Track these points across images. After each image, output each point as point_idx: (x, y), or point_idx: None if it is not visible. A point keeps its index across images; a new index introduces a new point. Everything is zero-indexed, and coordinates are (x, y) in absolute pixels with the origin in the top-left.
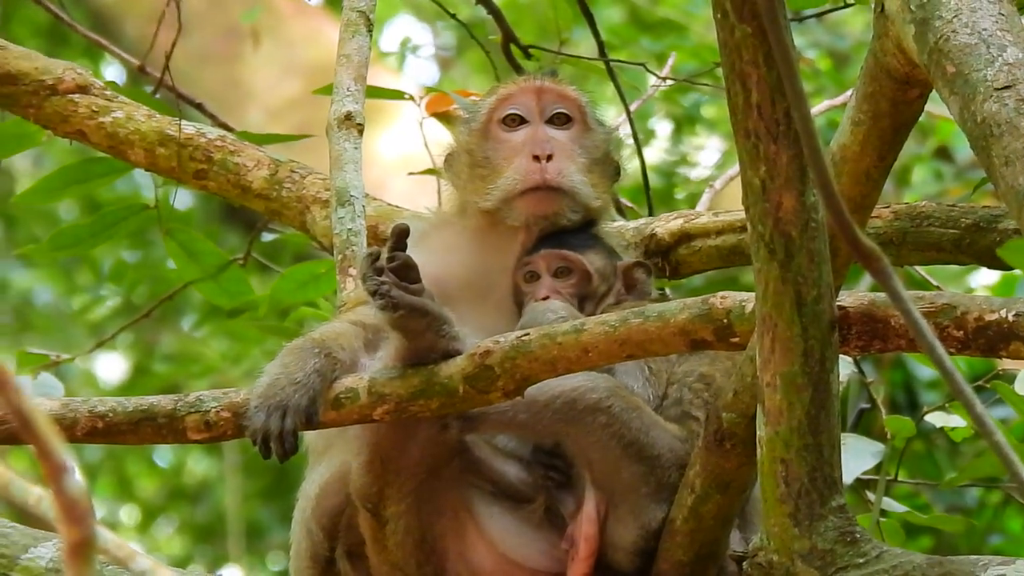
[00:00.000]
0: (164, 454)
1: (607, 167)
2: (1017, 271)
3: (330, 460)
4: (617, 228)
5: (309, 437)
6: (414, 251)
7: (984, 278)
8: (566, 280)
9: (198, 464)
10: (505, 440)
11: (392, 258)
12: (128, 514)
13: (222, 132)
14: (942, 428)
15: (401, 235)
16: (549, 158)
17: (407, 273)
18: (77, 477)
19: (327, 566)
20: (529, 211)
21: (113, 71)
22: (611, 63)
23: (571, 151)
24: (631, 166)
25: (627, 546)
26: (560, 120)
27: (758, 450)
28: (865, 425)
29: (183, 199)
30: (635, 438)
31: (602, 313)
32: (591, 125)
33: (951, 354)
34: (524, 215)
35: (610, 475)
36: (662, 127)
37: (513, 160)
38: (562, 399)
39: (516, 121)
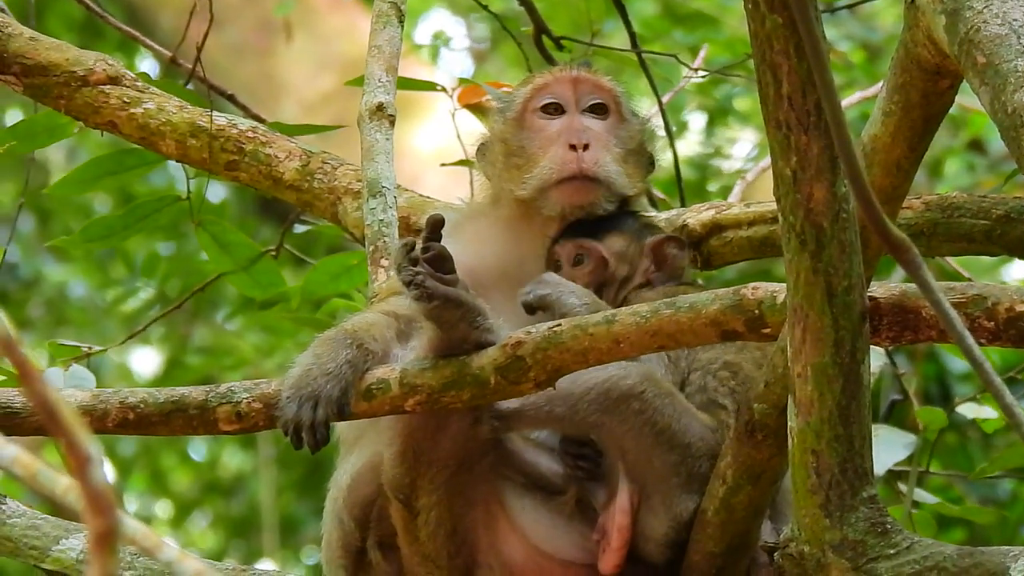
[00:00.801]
0: (198, 447)
1: (641, 158)
2: None
3: (361, 450)
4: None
5: (340, 428)
6: (447, 242)
7: (1018, 271)
8: (582, 268)
9: (232, 458)
10: (536, 431)
11: (427, 248)
12: (162, 508)
13: (253, 123)
14: (974, 420)
15: (436, 225)
16: (586, 147)
17: (442, 264)
18: (102, 468)
19: (358, 556)
20: (565, 200)
21: (147, 64)
22: (643, 55)
23: (607, 141)
24: (664, 158)
25: (658, 537)
26: (596, 110)
27: (789, 441)
28: (897, 417)
29: (217, 192)
30: (667, 424)
31: (629, 295)
32: (626, 116)
33: (981, 345)
34: (560, 204)
35: (643, 464)
36: (695, 119)
37: (549, 149)
38: (596, 389)
39: (552, 110)
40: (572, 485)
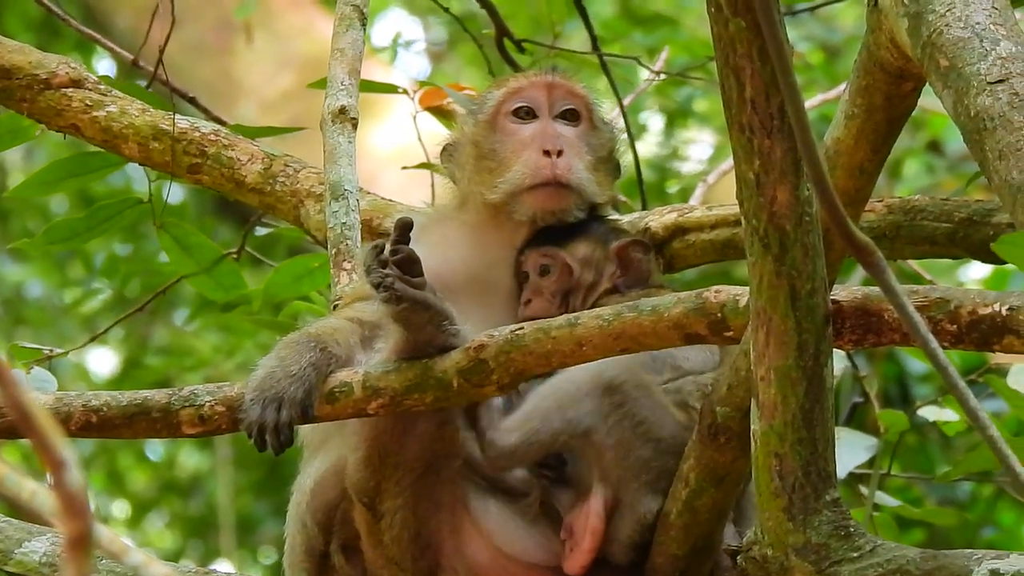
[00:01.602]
0: (156, 448)
1: (610, 166)
2: (1010, 265)
3: (326, 454)
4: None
5: (305, 432)
6: (414, 245)
7: (976, 272)
8: (548, 277)
9: (190, 458)
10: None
11: (395, 251)
12: (120, 508)
13: (216, 126)
14: (935, 422)
15: (404, 228)
16: (559, 153)
17: (410, 266)
18: (76, 471)
19: (322, 560)
20: (538, 206)
21: (104, 65)
22: (604, 57)
23: (579, 148)
24: (625, 160)
25: (623, 539)
26: (569, 116)
27: (752, 444)
28: (858, 419)
29: (176, 193)
30: (644, 417)
31: (598, 301)
32: (597, 123)
33: (945, 348)
34: (532, 210)
35: (618, 460)
36: (654, 121)
37: (522, 154)
38: (585, 388)
39: (525, 114)
40: (536, 488)
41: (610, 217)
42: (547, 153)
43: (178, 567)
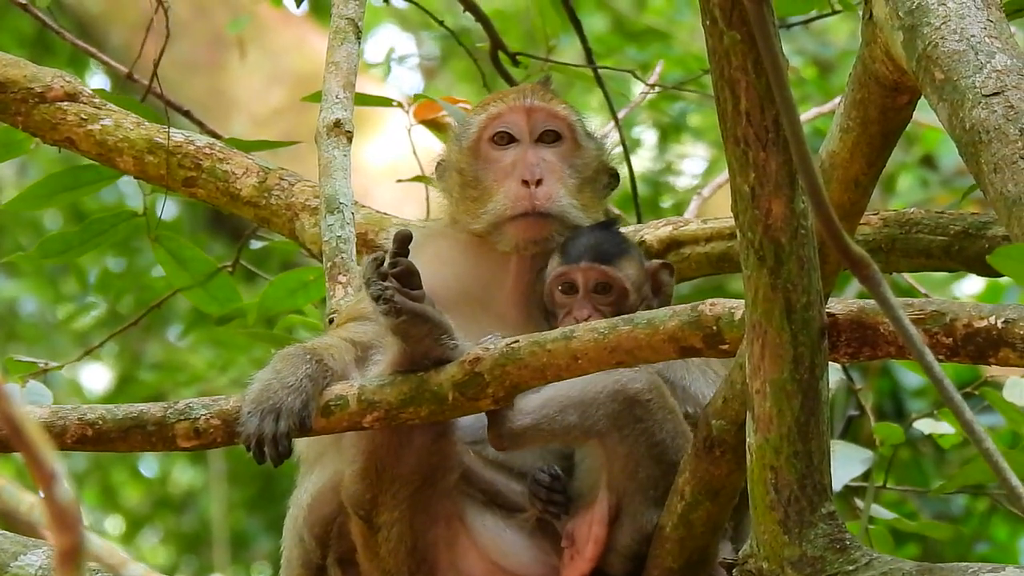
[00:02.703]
0: (149, 463)
1: (598, 182)
2: (1005, 278)
3: (323, 469)
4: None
5: (300, 447)
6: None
7: (970, 286)
8: (605, 296)
9: (183, 473)
10: (496, 451)
11: (395, 263)
12: (113, 524)
13: (211, 140)
14: (929, 435)
15: (404, 241)
16: (539, 183)
17: (409, 279)
18: (67, 484)
19: (318, 574)
20: (519, 237)
21: (97, 81)
22: (598, 70)
23: (561, 172)
24: (621, 170)
25: (621, 549)
26: (550, 138)
27: (748, 457)
28: (853, 432)
29: (170, 208)
30: (662, 440)
31: None
32: (581, 142)
33: (940, 361)
34: (514, 240)
35: (627, 474)
36: (648, 135)
37: (503, 183)
38: (606, 392)
39: (505, 139)
40: (533, 503)
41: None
42: (526, 183)
43: None
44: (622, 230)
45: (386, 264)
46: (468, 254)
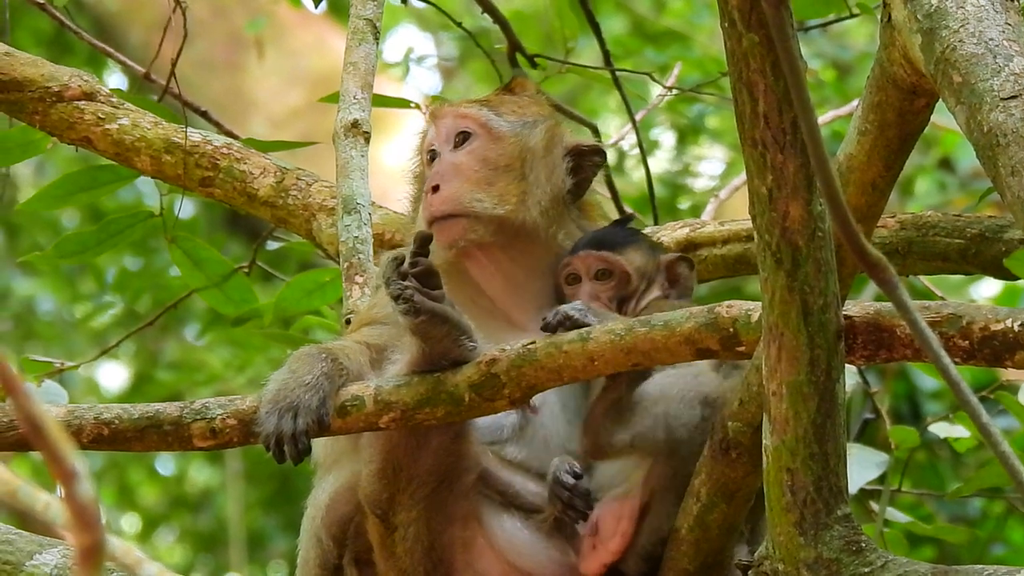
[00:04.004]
0: (166, 462)
1: (530, 165)
2: (1022, 282)
3: (340, 470)
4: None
5: (317, 451)
6: None
7: (987, 290)
8: (606, 283)
9: (200, 473)
10: (514, 452)
11: (415, 263)
12: (130, 522)
13: (228, 140)
14: (945, 439)
15: (424, 241)
16: (435, 189)
17: (429, 279)
18: (87, 483)
19: (335, 573)
20: (439, 242)
21: (115, 80)
22: (616, 72)
23: (468, 171)
24: (636, 175)
25: (639, 549)
26: (461, 139)
27: (764, 459)
28: (869, 435)
29: (186, 208)
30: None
31: (649, 306)
32: (498, 132)
33: (956, 364)
34: (438, 246)
35: (672, 475)
36: (666, 137)
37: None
38: (687, 401)
39: (431, 156)
40: (551, 504)
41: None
42: (429, 192)
43: None
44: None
45: (406, 264)
46: (454, 264)
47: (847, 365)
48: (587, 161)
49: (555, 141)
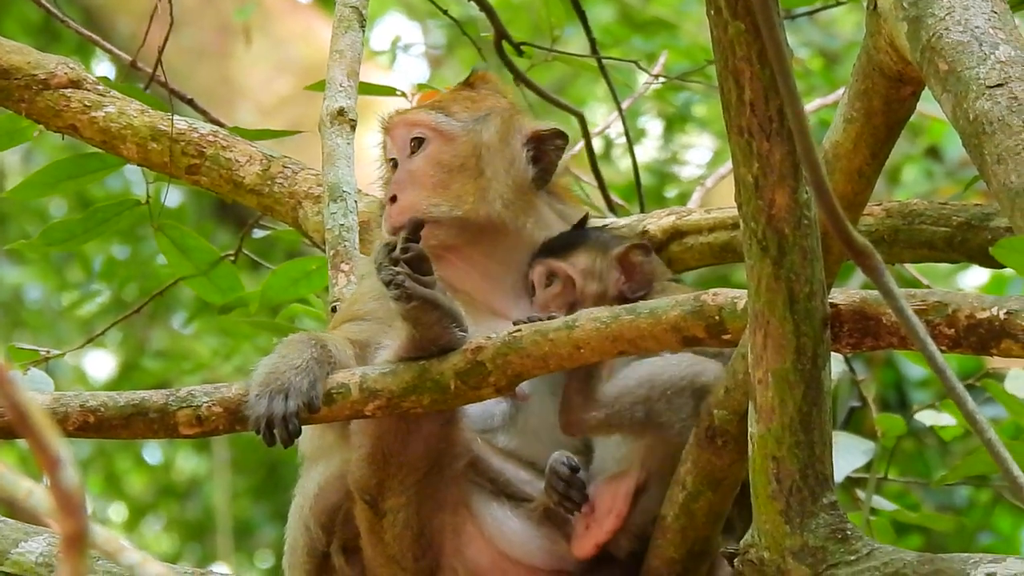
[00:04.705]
0: (153, 451)
1: (486, 160)
2: (1008, 270)
3: (329, 460)
4: (609, 225)
5: (303, 442)
6: None
7: (974, 278)
8: (552, 290)
9: (187, 461)
10: (505, 440)
11: (406, 249)
12: (117, 511)
13: (214, 127)
14: (932, 427)
15: (416, 228)
16: (393, 199)
17: (420, 265)
18: (72, 470)
19: (322, 561)
20: None
21: (103, 69)
22: (603, 60)
23: (423, 177)
24: (623, 164)
25: (632, 527)
26: (416, 145)
27: (750, 447)
28: (855, 423)
29: (174, 197)
30: None
31: None
32: (449, 133)
33: (943, 352)
34: None
35: (667, 458)
36: (653, 126)
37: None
38: (675, 386)
39: (393, 165)
40: (540, 493)
41: (608, 223)
42: (388, 203)
43: (175, 568)
44: (622, 220)
45: (398, 250)
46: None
47: (833, 353)
48: (549, 146)
49: (511, 131)
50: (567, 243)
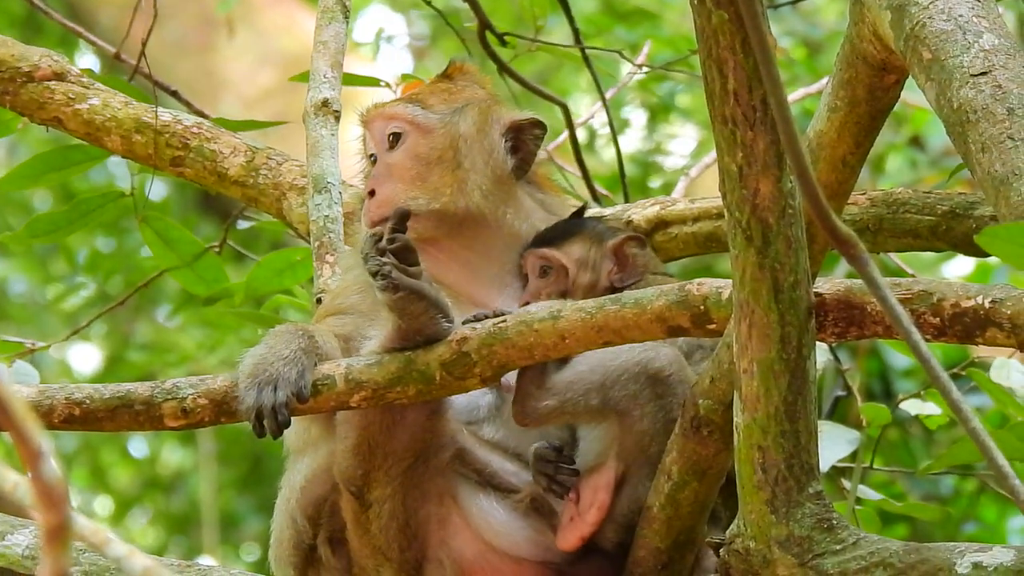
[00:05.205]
0: (139, 444)
1: (464, 152)
2: (993, 258)
3: (316, 452)
4: (593, 215)
5: (289, 436)
6: None
7: (959, 268)
8: (547, 279)
9: (172, 454)
10: (491, 431)
11: (393, 239)
12: (102, 504)
13: (198, 119)
14: (917, 416)
15: (402, 217)
16: (372, 194)
17: (407, 256)
18: (53, 462)
19: (309, 553)
20: None
21: (88, 61)
22: (586, 51)
23: (401, 170)
24: (607, 155)
25: (618, 517)
26: (394, 139)
27: (735, 437)
28: (841, 413)
29: (158, 189)
30: (677, 416)
31: None
32: (426, 126)
33: (928, 341)
34: None
35: (641, 447)
36: (637, 116)
37: None
38: (629, 372)
39: (373, 159)
40: (528, 484)
41: (595, 213)
42: (367, 197)
43: (160, 559)
44: (607, 210)
45: (384, 240)
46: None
47: (818, 343)
48: (527, 136)
49: (489, 122)
50: (563, 233)
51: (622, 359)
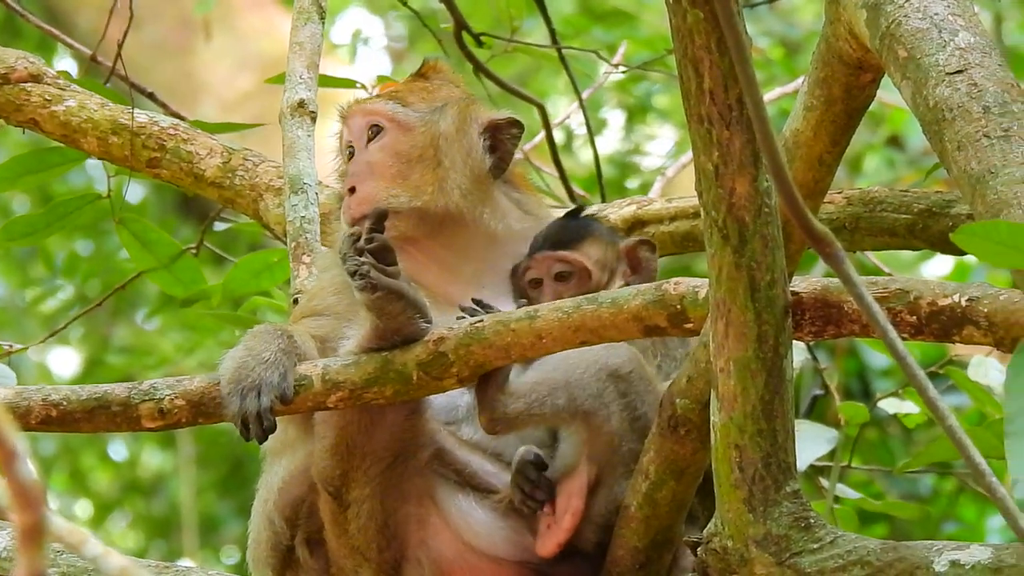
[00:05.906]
0: (118, 447)
1: (444, 151)
2: (970, 257)
3: (294, 454)
4: (589, 215)
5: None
6: None
7: (938, 268)
8: (567, 283)
9: (152, 457)
10: (470, 432)
11: (371, 239)
12: (82, 508)
13: (175, 121)
14: (895, 415)
15: (380, 217)
16: (352, 191)
17: (385, 255)
18: (29, 463)
19: (286, 554)
20: None
21: (65, 64)
22: (563, 51)
23: (382, 167)
24: (584, 155)
25: (595, 518)
26: (374, 134)
27: (712, 436)
28: (819, 412)
29: (136, 191)
30: (643, 412)
31: None
32: (407, 124)
33: (905, 339)
34: None
35: (610, 448)
36: (614, 116)
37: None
38: (589, 371)
39: (351, 153)
40: (506, 485)
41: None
42: (347, 194)
43: (139, 561)
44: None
45: (362, 240)
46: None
47: (796, 341)
48: (505, 135)
49: (468, 121)
50: (574, 235)
51: (582, 357)
